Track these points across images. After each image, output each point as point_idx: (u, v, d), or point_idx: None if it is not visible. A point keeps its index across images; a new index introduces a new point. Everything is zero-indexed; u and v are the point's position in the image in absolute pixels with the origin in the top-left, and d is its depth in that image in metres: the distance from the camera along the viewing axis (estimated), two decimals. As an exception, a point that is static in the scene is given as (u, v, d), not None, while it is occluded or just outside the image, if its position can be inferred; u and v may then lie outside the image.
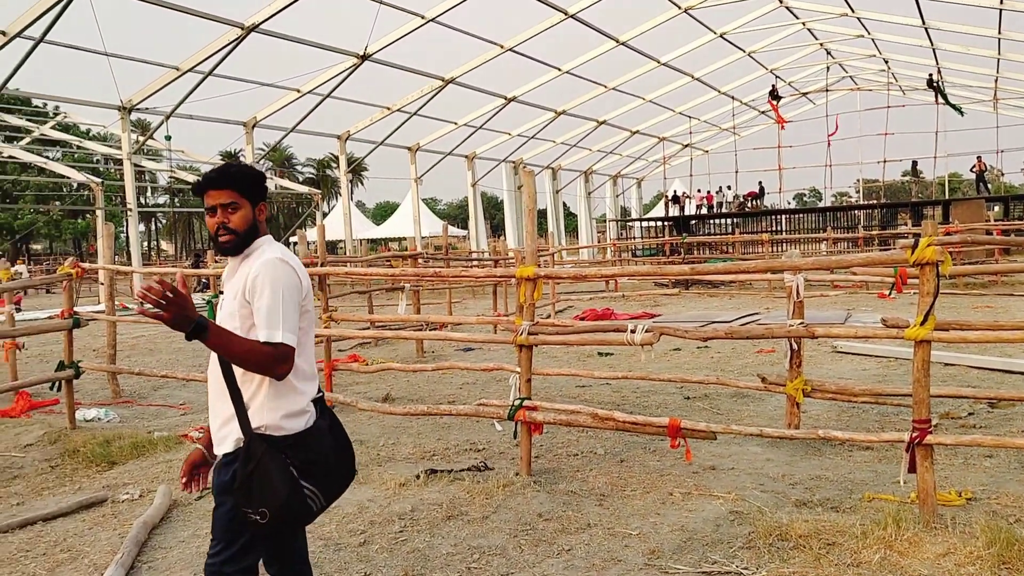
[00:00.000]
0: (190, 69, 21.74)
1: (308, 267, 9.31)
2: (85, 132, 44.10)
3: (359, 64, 23.40)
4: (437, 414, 6.17)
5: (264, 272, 2.66)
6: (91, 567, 4.33)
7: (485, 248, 33.32)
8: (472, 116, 31.67)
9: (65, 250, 64.60)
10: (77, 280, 7.82)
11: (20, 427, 7.78)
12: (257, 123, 27.04)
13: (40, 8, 17.52)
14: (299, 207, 66.38)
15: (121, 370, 9.15)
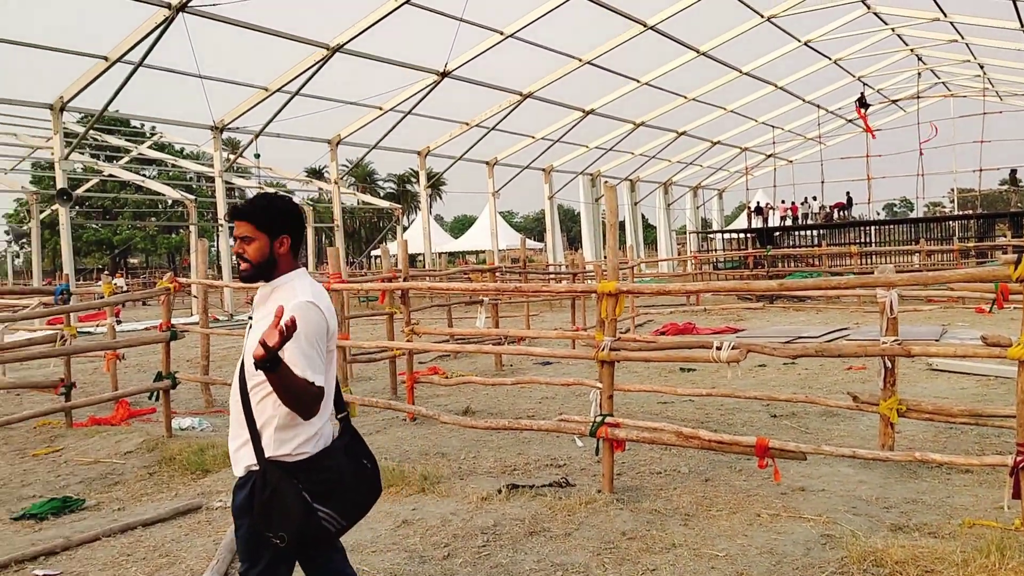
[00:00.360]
0: (278, 89, 22.50)
1: (391, 280, 9.49)
2: (179, 151, 46.07)
3: (439, 81, 23.79)
4: (518, 428, 6.19)
5: (297, 316, 2.65)
6: (188, 572, 4.49)
7: (562, 260, 33.31)
8: (549, 129, 31.78)
9: (160, 264, 67.49)
10: (174, 294, 8.16)
11: (120, 435, 8.14)
12: (341, 140, 27.76)
13: (139, 34, 18.44)
14: (380, 221, 67.69)
15: (215, 381, 9.48)
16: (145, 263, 68.54)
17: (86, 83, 20.20)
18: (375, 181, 73.99)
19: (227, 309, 25.80)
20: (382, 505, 5.46)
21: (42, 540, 5.17)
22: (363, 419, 8.26)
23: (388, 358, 9.79)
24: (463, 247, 52.75)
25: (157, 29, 17.70)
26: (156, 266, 65.97)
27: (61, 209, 22.33)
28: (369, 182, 70.30)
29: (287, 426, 2.78)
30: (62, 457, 7.58)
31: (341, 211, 29.25)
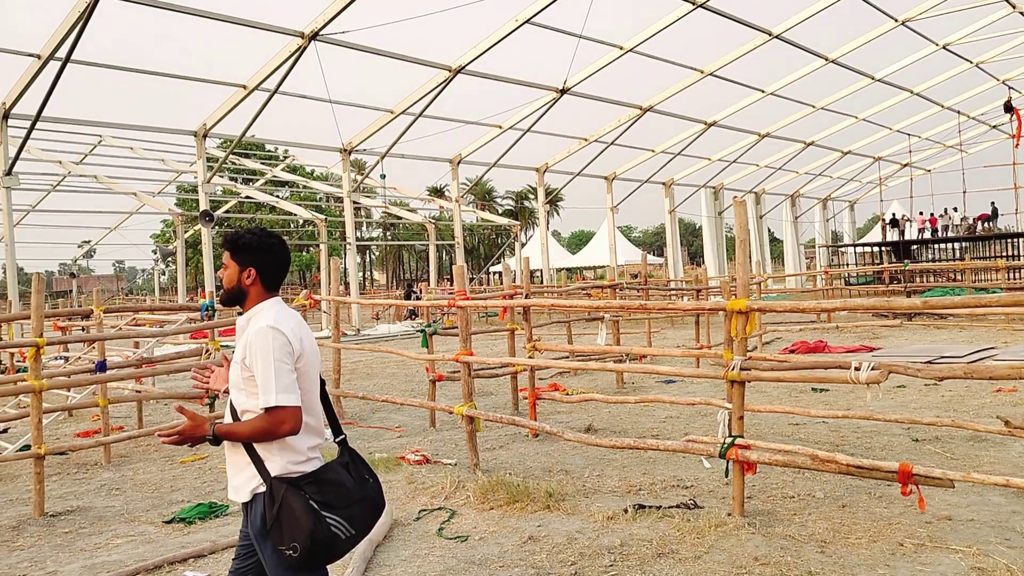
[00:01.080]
0: (402, 111, 23.26)
1: (512, 297, 9.59)
2: (310, 173, 48.28)
3: (558, 98, 23.95)
4: (643, 448, 6.09)
5: (255, 341, 2.89)
6: None
7: (682, 276, 32.71)
8: (670, 143, 31.39)
9: (292, 281, 70.77)
10: (309, 310, 8.53)
11: (259, 444, 8.55)
12: (462, 159, 28.37)
13: (274, 63, 19.50)
14: (498, 238, 68.60)
15: (347, 394, 9.83)
16: (278, 280, 71.95)
17: (227, 111, 21.54)
18: (494, 198, 75.11)
19: (355, 324, 26.74)
20: (508, 520, 5.51)
21: (191, 543, 5.49)
22: (486, 434, 8.37)
23: (509, 374, 9.88)
24: (580, 263, 52.69)
25: (291, 58, 18.66)
26: (288, 283, 69.25)
27: (204, 229, 23.82)
28: (488, 199, 71.44)
29: (285, 447, 2.91)
30: (207, 464, 8.05)
31: (461, 228, 29.84)
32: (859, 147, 37.58)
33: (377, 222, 63.63)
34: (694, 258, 77.11)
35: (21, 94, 19.31)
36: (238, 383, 2.96)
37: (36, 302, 6.49)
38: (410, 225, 45.40)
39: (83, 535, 5.91)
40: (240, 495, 2.97)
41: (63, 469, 8.14)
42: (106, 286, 60.49)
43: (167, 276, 59.24)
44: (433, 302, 9.39)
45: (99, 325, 8.62)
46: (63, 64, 17.03)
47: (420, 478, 6.57)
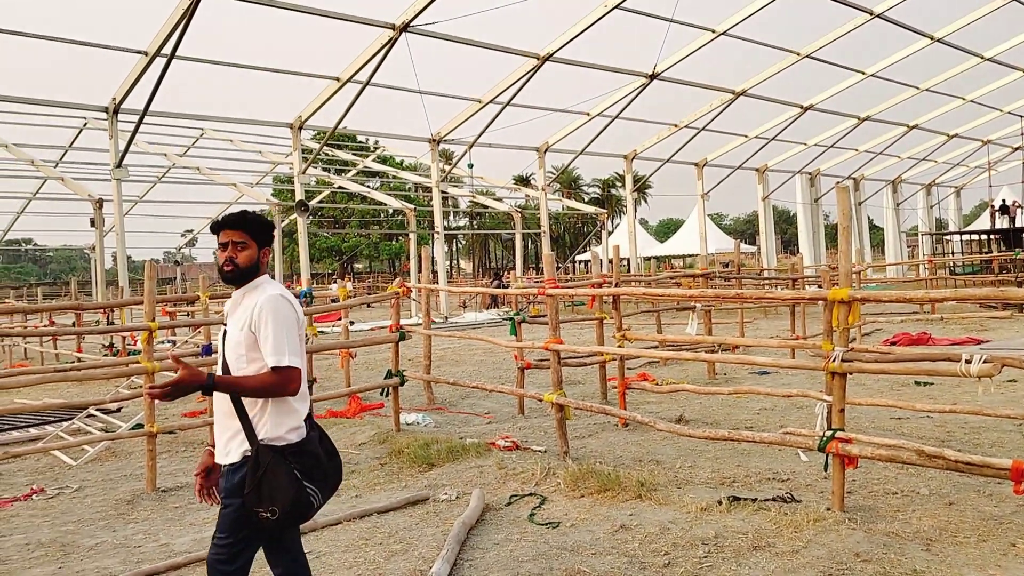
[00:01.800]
0: (490, 100, 23.37)
1: (601, 286, 9.54)
2: (399, 163, 49.10)
3: (647, 83, 23.61)
4: (737, 440, 5.98)
5: (267, 307, 3.14)
6: (420, 559, 4.76)
7: (776, 265, 31.85)
8: (764, 128, 30.54)
9: (382, 269, 72.26)
10: (403, 298, 8.70)
11: (355, 427, 8.81)
12: (549, 147, 28.32)
13: (366, 55, 19.87)
14: (584, 226, 68.26)
15: (438, 380, 9.99)
16: (369, 268, 73.69)
17: (321, 103, 22.08)
18: (580, 186, 74.76)
19: (442, 312, 27.11)
20: (599, 509, 5.50)
21: (292, 520, 5.69)
22: (574, 423, 8.36)
23: (598, 363, 9.84)
24: (669, 251, 51.96)
25: (383, 50, 18.98)
26: (378, 271, 70.73)
27: (300, 219, 24.54)
28: (574, 187, 71.14)
29: (279, 411, 3.16)
30: (305, 445, 8.31)
31: (547, 217, 29.82)
32: (966, 130, 35.70)
33: (464, 211, 64.25)
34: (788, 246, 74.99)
35: (129, 90, 20.27)
36: (238, 350, 3.17)
37: (148, 288, 6.83)
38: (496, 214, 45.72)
39: (191, 510, 6.21)
40: (230, 457, 3.17)
41: (172, 447, 8.55)
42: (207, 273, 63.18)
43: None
44: (523, 290, 9.43)
45: (205, 310, 9.00)
46: (168, 60, 17.77)
47: (510, 464, 6.63)
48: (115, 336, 16.03)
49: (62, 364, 14.49)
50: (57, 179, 25.24)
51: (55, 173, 25.89)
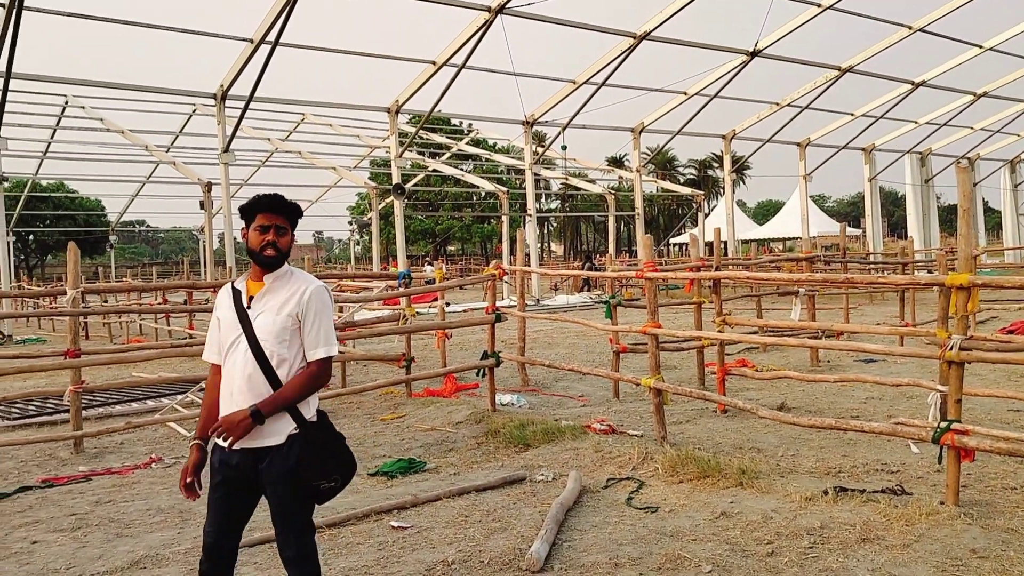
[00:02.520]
0: (585, 81, 23.18)
1: (700, 269, 9.36)
2: (492, 146, 49.34)
3: (748, 61, 22.94)
4: (844, 429, 5.78)
5: (317, 296, 3.22)
6: (519, 538, 4.80)
7: (882, 249, 30.56)
8: (871, 106, 29.24)
9: (473, 251, 73.01)
10: (499, 280, 8.77)
11: (451, 406, 8.95)
12: (644, 128, 27.89)
13: (462, 38, 19.99)
14: (679, 208, 67.12)
15: (533, 361, 10.04)
16: (461, 250, 74.60)
17: (417, 87, 22.38)
18: (675, 167, 73.47)
19: (534, 295, 27.19)
20: (698, 495, 5.43)
21: (394, 496, 5.84)
22: (671, 408, 8.26)
23: (695, 348, 9.68)
24: (767, 234, 50.54)
25: (478, 32, 19.06)
26: (470, 253, 71.46)
27: (396, 202, 25.00)
28: (669, 168, 69.99)
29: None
30: (404, 423, 8.52)
31: (642, 199, 29.44)
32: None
33: (556, 193, 64.16)
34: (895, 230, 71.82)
35: (236, 77, 21.01)
36: (282, 335, 3.18)
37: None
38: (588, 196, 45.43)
39: (299, 482, 6.44)
40: (273, 439, 3.15)
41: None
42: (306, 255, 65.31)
43: (361, 246, 62.79)
44: (619, 273, 9.35)
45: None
46: (272, 47, 18.33)
47: (606, 448, 6.61)
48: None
49: (176, 340, 15.23)
50: (169, 163, 26.48)
51: (167, 157, 27.17)
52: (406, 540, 4.90)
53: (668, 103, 26.55)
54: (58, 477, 6.85)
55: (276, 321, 3.17)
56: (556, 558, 4.48)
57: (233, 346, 3.22)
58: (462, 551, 4.66)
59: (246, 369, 3.16)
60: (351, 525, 5.22)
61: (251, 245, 3.23)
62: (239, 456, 3.18)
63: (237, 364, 3.19)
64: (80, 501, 6.10)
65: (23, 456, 7.74)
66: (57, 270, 61.67)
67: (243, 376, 3.16)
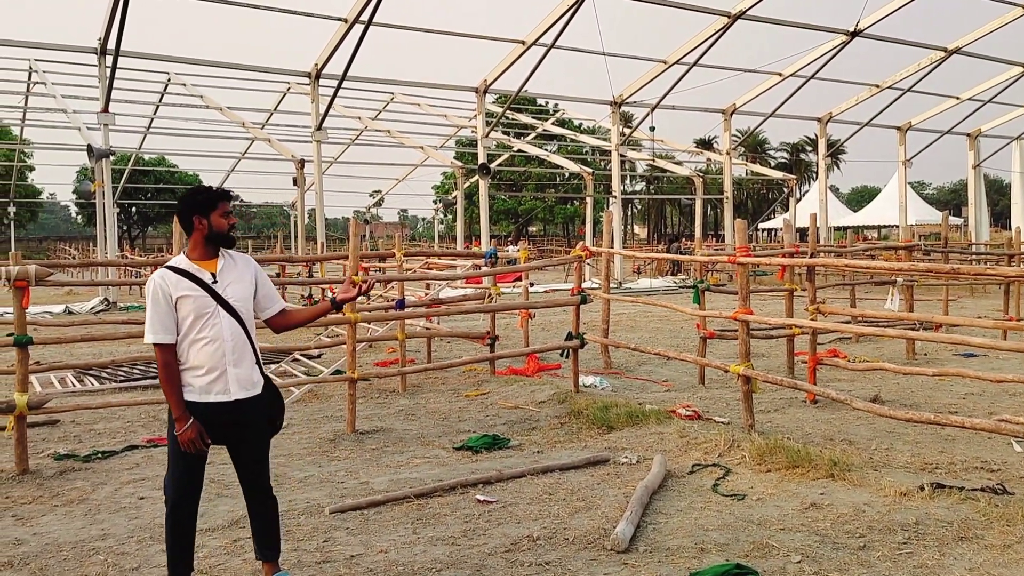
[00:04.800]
0: (676, 61, 22.78)
1: (793, 256, 9.12)
2: (577, 126, 49.04)
3: (848, 41, 22.12)
4: (943, 424, 5.59)
5: (260, 268, 3.91)
6: (603, 518, 4.83)
7: (987, 239, 29.13)
8: (978, 89, 27.85)
9: (555, 232, 72.87)
10: (585, 261, 8.76)
11: (534, 386, 9.02)
12: (736, 110, 27.25)
13: (552, 17, 19.89)
14: (769, 192, 65.39)
15: (618, 344, 10.00)
16: (543, 231, 74.56)
17: (505, 67, 22.42)
18: (766, 150, 71.54)
19: (616, 277, 27.00)
20: (787, 485, 5.35)
21: (479, 470, 5.95)
22: (759, 397, 8.10)
23: (785, 336, 9.47)
24: (861, 221, 48.80)
25: (569, 11, 18.93)
26: (552, 234, 71.38)
27: (481, 182, 25.17)
28: (759, 151, 68.19)
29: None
30: (488, 400, 8.63)
31: (731, 182, 28.81)
32: None
33: (640, 175, 63.35)
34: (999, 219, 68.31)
35: (330, 56, 21.47)
36: (249, 299, 3.77)
37: (353, 244, 7.28)
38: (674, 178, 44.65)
39: (387, 452, 6.63)
40: (257, 388, 3.76)
41: (366, 394, 9.13)
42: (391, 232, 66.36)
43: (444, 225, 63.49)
44: (710, 257, 9.22)
45: (399, 267, 9.48)
46: (365, 27, 18.64)
47: (692, 433, 6.56)
48: (314, 287, 17.29)
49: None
50: (264, 140, 27.25)
51: (263, 134, 27.97)
52: (491, 514, 4.99)
53: (761, 84, 25.86)
54: (161, 438, 7.21)
55: (245, 288, 3.76)
56: (641, 540, 4.49)
57: (211, 317, 3.64)
58: (547, 527, 4.72)
59: (233, 332, 3.67)
60: (438, 497, 5.34)
61: (218, 228, 3.73)
62: (230, 408, 3.68)
63: (224, 331, 3.65)
64: (183, 461, 6.41)
65: (129, 416, 8.19)
66: (157, 241, 64.52)
67: (232, 339, 3.67)
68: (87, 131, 21.78)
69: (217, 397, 3.65)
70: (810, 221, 8.85)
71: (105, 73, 20.19)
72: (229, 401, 3.66)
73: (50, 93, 25.44)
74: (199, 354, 3.62)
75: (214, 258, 3.74)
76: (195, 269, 3.68)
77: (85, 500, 5.49)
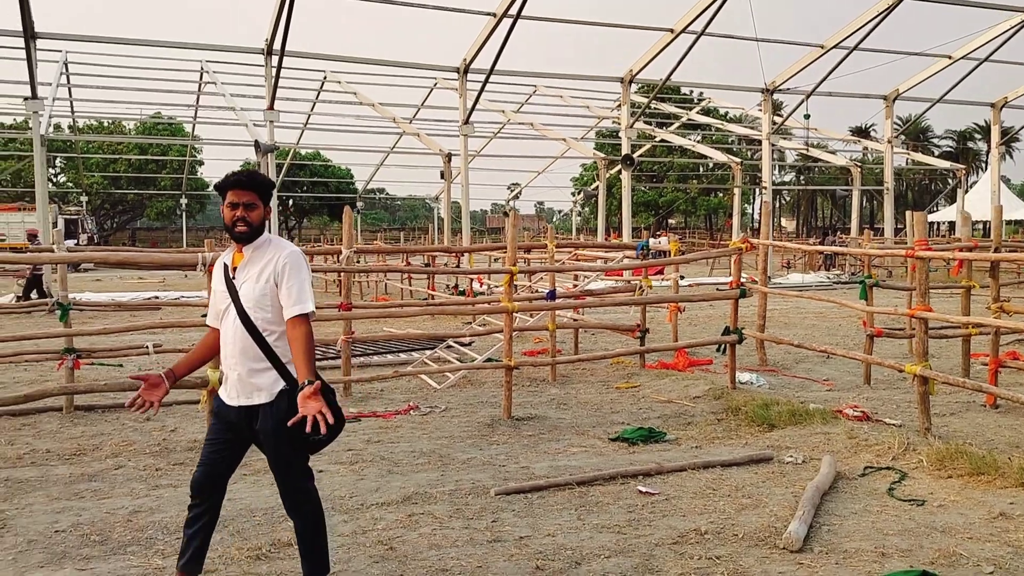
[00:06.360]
0: (834, 46, 21.74)
1: (971, 251, 8.54)
2: (723, 115, 47.73)
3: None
4: None
5: (291, 261, 3.38)
6: (772, 516, 4.72)
7: None
8: None
9: (697, 225, 71.28)
10: (745, 253, 8.54)
11: (687, 380, 8.90)
12: (899, 95, 25.72)
13: (702, 5, 19.43)
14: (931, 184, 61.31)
15: (779, 340, 9.69)
16: (683, 223, 73.10)
17: (653, 55, 22.13)
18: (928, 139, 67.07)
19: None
20: (970, 492, 5.05)
21: (637, 462, 5.94)
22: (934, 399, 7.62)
23: (961, 336, 8.88)
24: (1036, 214, 44.90)
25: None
26: (693, 227, 69.87)
27: (624, 172, 25.00)
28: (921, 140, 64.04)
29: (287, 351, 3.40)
30: (639, 393, 8.59)
31: (892, 172, 27.24)
32: None
33: (791, 165, 60.90)
34: None
35: (478, 51, 21.89)
36: (263, 301, 3.37)
37: (511, 235, 7.43)
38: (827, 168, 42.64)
39: (544, 440, 6.73)
40: (261, 397, 3.39)
41: (518, 382, 9.27)
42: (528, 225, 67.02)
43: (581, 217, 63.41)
44: (885, 251, 8.77)
45: (551, 258, 9.58)
46: (514, 21, 18.89)
47: (861, 435, 6.28)
48: (460, 278, 17.74)
49: (436, 299, 16.30)
50: (413, 135, 28.18)
51: (412, 129, 28.94)
52: (655, 505, 4.98)
53: (927, 68, 24.28)
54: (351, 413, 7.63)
55: (256, 288, 3.38)
56: (815, 540, 4.36)
57: (225, 314, 3.47)
58: (714, 522, 4.66)
59: (236, 335, 3.41)
60: (599, 485, 5.38)
61: (225, 221, 3.46)
62: (235, 413, 3.44)
63: (228, 331, 3.45)
64: (354, 439, 6.77)
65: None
66: (311, 232, 67.98)
67: (234, 341, 3.42)
68: (253, 127, 23.23)
69: (227, 398, 3.49)
70: (993, 214, 8.24)
71: (271, 72, 21.46)
72: (232, 406, 3.46)
73: (219, 92, 27.28)
74: (221, 349, 3.53)
75: (242, 251, 3.49)
76: (228, 261, 3.53)
77: (269, 471, 5.89)
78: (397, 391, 8.98)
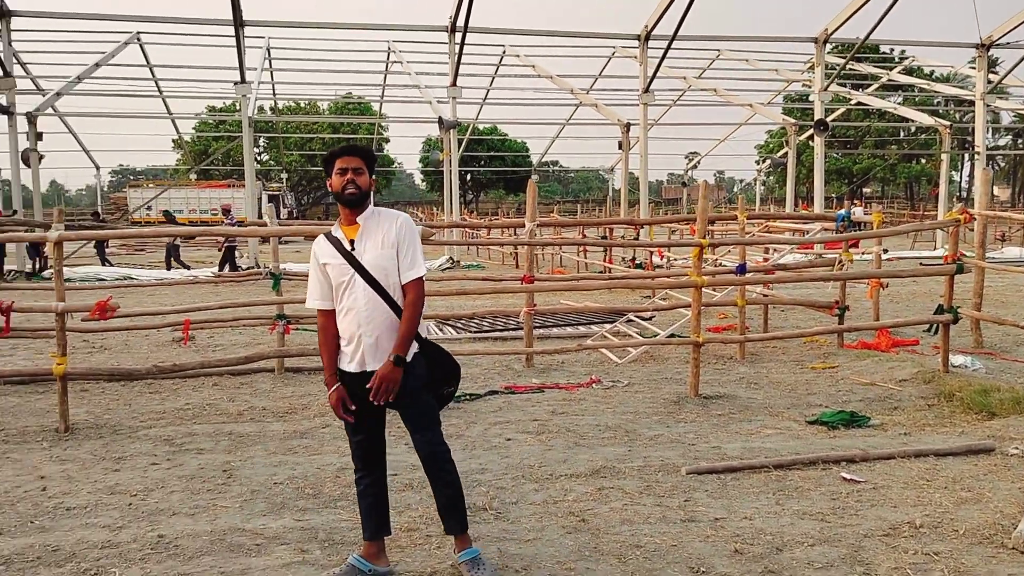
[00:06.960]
0: (1067, -9, 19.29)
1: None
2: (928, 74, 43.83)
3: None
4: None
5: (408, 226, 3.59)
6: (997, 512, 4.30)
7: None
8: None
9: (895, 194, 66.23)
10: (964, 226, 7.80)
11: (891, 362, 8.29)
12: None
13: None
14: None
15: (1003, 320, 8.83)
16: (880, 192, 68.17)
17: (852, 11, 20.62)
18: None
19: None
20: None
21: (839, 447, 5.60)
22: None
23: None
24: None
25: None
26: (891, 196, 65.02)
27: (817, 139, 23.60)
28: None
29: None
30: (838, 374, 8.10)
31: None
32: None
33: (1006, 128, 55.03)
34: None
35: (660, 17, 21.32)
36: (390, 268, 3.54)
37: (702, 207, 7.18)
38: (1050, 131, 38.08)
39: (734, 420, 6.50)
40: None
41: (702, 360, 8.98)
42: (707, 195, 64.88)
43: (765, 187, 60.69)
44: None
45: (742, 231, 9.21)
46: (700, -16, 18.16)
47: (1104, 428, 5.58)
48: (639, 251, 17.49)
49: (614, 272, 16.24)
50: (591, 105, 27.95)
51: (589, 99, 28.71)
52: (861, 494, 4.68)
53: None
54: (517, 386, 7.77)
55: (383, 255, 3.54)
56: (1052, 545, 3.92)
57: (349, 286, 3.55)
58: (929, 516, 4.31)
59: (368, 302, 3.52)
60: (797, 469, 5.13)
61: (334, 188, 3.59)
62: (366, 378, 3.53)
63: (359, 300, 3.53)
64: (538, 409, 6.86)
65: (485, 364, 8.92)
66: (488, 205, 69.64)
67: (366, 310, 3.53)
68: (437, 104, 23.94)
69: (356, 367, 3.56)
70: None
71: (454, 49, 22.01)
72: (366, 372, 3.53)
73: (405, 71, 28.30)
74: (342, 322, 3.58)
75: (354, 223, 3.60)
76: (340, 235, 3.61)
77: (461, 436, 6.09)
78: (578, 363, 9.00)
